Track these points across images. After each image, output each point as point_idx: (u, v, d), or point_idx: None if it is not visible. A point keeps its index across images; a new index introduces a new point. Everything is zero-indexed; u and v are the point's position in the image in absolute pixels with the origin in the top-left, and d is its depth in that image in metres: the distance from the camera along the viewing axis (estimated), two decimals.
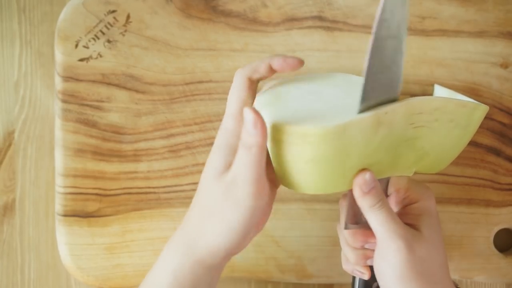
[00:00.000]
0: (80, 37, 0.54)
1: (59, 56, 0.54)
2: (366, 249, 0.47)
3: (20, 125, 0.58)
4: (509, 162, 0.56)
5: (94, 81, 0.54)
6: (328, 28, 0.55)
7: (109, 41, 0.54)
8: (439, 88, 0.53)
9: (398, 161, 0.44)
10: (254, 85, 0.43)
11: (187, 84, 0.55)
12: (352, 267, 0.48)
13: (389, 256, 0.43)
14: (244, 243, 0.43)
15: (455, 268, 0.56)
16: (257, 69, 0.43)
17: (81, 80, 0.54)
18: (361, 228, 0.46)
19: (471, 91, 0.55)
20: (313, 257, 0.56)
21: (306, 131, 0.40)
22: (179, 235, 0.44)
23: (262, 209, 0.42)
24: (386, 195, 0.47)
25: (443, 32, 0.55)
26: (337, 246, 0.56)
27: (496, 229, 0.57)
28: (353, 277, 0.49)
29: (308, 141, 0.40)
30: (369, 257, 0.46)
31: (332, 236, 0.56)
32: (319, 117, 0.41)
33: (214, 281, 0.44)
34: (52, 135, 0.57)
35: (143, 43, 0.54)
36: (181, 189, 0.55)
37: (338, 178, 0.42)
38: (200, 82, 0.55)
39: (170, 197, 0.55)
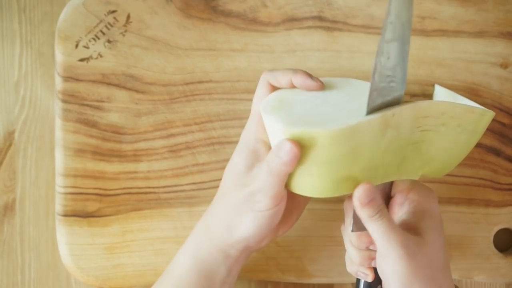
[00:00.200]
0: (80, 37, 0.54)
1: (59, 56, 0.54)
2: (371, 250, 0.47)
3: (20, 125, 0.58)
4: (509, 162, 0.56)
5: (94, 81, 0.54)
6: (328, 28, 0.55)
7: (109, 41, 0.54)
8: (439, 88, 0.53)
9: (405, 165, 0.45)
10: (276, 89, 0.46)
11: (187, 84, 0.55)
12: (356, 269, 0.48)
13: (391, 264, 0.43)
14: (263, 243, 0.47)
15: (455, 268, 0.56)
16: (278, 79, 0.46)
17: (81, 80, 0.54)
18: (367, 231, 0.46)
19: (471, 91, 0.55)
20: (313, 257, 0.56)
21: (318, 134, 0.40)
22: (202, 223, 0.48)
23: (280, 214, 0.45)
24: (390, 197, 0.48)
25: (443, 32, 0.55)
26: (337, 246, 0.56)
27: (496, 229, 0.57)
28: (357, 280, 0.49)
29: (320, 144, 0.40)
30: (374, 258, 0.46)
31: (332, 236, 0.56)
32: (328, 120, 0.41)
33: (233, 274, 0.48)
34: (52, 135, 0.57)
35: (143, 43, 0.54)
36: (181, 189, 0.55)
37: (347, 181, 0.43)
38: (200, 82, 0.55)
39: (170, 197, 0.55)
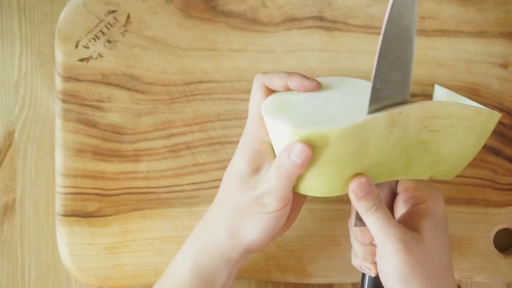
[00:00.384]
0: (80, 37, 0.54)
1: (59, 56, 0.54)
2: (374, 245, 0.47)
3: (20, 125, 0.58)
4: (509, 162, 0.56)
5: (94, 81, 0.54)
6: (328, 28, 0.55)
7: (109, 41, 0.54)
8: (439, 88, 0.53)
9: (412, 165, 0.45)
10: (271, 91, 0.46)
11: (187, 84, 0.55)
12: (360, 263, 0.48)
13: (389, 258, 0.43)
14: (263, 245, 0.46)
15: (455, 268, 0.56)
16: (273, 82, 0.45)
17: (81, 80, 0.54)
18: None
19: (471, 91, 0.55)
20: (313, 257, 0.56)
21: (328, 133, 0.40)
22: (202, 228, 0.47)
23: (286, 216, 0.45)
24: (395, 194, 0.48)
25: (443, 32, 0.55)
26: (337, 246, 0.56)
27: (496, 229, 0.57)
28: (363, 275, 0.50)
29: (329, 143, 0.40)
30: None
31: (332, 236, 0.56)
32: (335, 119, 0.41)
33: (232, 276, 0.47)
34: (52, 135, 0.57)
35: (143, 43, 0.54)
36: (181, 189, 0.55)
37: (352, 178, 0.43)
38: (200, 82, 0.55)
39: (170, 197, 0.55)
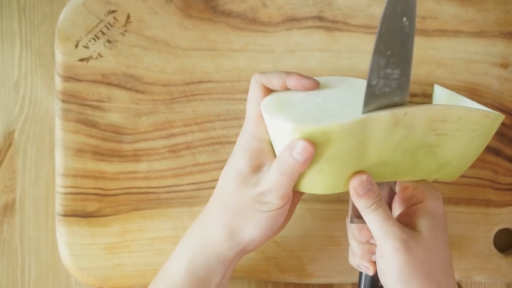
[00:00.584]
0: (80, 37, 0.54)
1: (59, 56, 0.54)
2: (372, 244, 0.47)
3: (20, 125, 0.58)
4: (509, 162, 0.56)
5: (94, 81, 0.54)
6: (328, 28, 0.55)
7: (109, 41, 0.54)
8: (439, 88, 0.53)
9: (418, 167, 0.45)
10: (270, 90, 0.46)
11: (187, 84, 0.55)
12: (358, 262, 0.48)
13: (388, 256, 0.43)
14: (259, 244, 0.46)
15: (455, 268, 0.56)
16: (271, 81, 0.45)
17: (81, 80, 0.54)
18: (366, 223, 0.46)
19: (471, 91, 0.55)
20: (313, 257, 0.56)
21: (330, 129, 0.40)
22: (197, 228, 0.46)
23: (285, 214, 0.45)
24: (394, 193, 0.48)
25: (443, 32, 0.55)
26: (337, 246, 0.56)
27: (496, 229, 0.57)
28: (360, 274, 0.50)
29: (332, 139, 0.40)
30: (374, 252, 0.46)
31: (332, 236, 0.56)
32: (336, 115, 0.41)
33: (227, 276, 0.47)
34: (52, 135, 0.57)
35: (143, 43, 0.54)
36: (181, 189, 0.55)
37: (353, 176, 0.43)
38: (200, 82, 0.55)
39: (170, 197, 0.55)
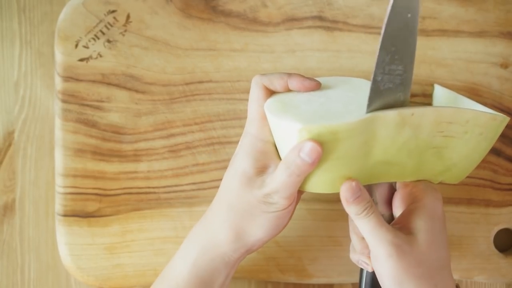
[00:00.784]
0: (80, 37, 0.54)
1: (59, 56, 0.54)
2: None
3: (20, 125, 0.58)
4: (509, 162, 0.56)
5: (94, 81, 0.54)
6: (328, 28, 0.55)
7: (109, 41, 0.54)
8: (439, 88, 0.53)
9: (424, 168, 0.45)
10: (271, 92, 0.46)
11: (187, 84, 0.55)
12: (358, 258, 0.48)
13: (382, 262, 0.43)
14: (263, 244, 0.46)
15: (455, 268, 0.56)
16: (273, 83, 0.45)
17: (81, 80, 0.54)
18: None
19: (471, 91, 0.55)
20: (313, 257, 0.56)
21: (338, 127, 0.40)
22: (202, 229, 0.47)
23: (290, 213, 0.45)
24: (394, 190, 0.48)
25: (443, 32, 0.55)
26: (337, 246, 0.56)
27: (496, 229, 0.57)
28: (361, 271, 0.50)
29: (339, 138, 0.40)
30: None
31: (332, 236, 0.56)
32: (342, 115, 0.41)
33: (230, 276, 0.47)
34: (52, 135, 0.57)
35: (143, 43, 0.54)
36: (181, 189, 0.55)
37: (359, 174, 0.43)
38: (200, 82, 0.55)
39: (170, 197, 0.55)
